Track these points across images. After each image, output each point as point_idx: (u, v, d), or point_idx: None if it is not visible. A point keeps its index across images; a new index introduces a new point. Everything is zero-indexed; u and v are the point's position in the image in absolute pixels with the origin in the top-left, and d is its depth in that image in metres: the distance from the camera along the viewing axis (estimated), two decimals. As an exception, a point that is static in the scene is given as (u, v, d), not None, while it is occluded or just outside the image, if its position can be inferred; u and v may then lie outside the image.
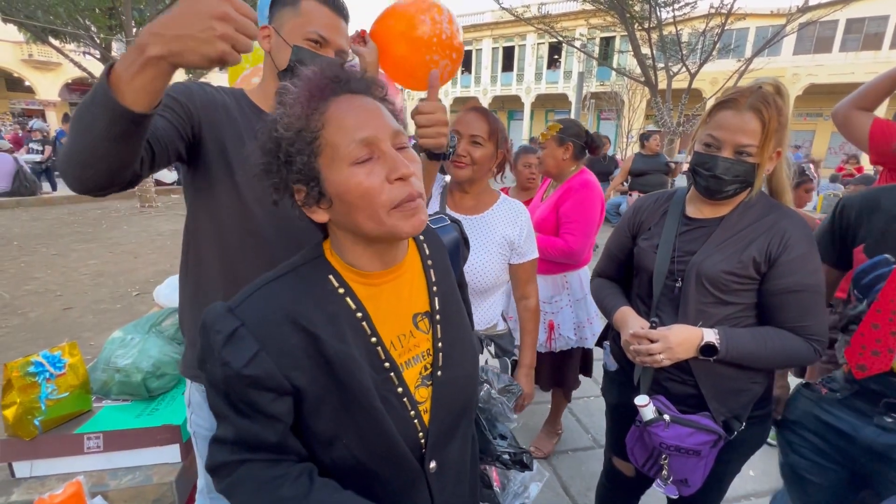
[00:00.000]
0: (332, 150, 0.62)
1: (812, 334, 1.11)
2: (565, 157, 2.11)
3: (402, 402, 0.70)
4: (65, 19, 8.57)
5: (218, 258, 1.04)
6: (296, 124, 0.62)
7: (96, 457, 1.51)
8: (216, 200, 1.01)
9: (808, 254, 1.10)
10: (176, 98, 0.92)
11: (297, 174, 0.64)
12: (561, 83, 26.78)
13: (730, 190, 1.12)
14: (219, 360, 0.62)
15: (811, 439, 1.21)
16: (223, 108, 1.01)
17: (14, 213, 8.20)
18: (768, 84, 1.09)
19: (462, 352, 0.79)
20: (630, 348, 1.18)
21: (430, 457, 0.73)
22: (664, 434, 1.17)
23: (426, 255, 0.80)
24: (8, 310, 3.93)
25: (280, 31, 1.03)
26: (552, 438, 2.43)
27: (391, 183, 0.63)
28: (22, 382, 1.47)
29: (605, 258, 1.45)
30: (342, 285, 0.69)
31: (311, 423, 0.67)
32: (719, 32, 9.44)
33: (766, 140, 1.07)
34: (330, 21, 1.04)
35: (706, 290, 1.14)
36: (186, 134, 0.93)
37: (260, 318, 0.63)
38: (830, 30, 20.35)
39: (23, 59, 22.62)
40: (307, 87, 0.64)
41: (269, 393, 0.63)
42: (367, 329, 0.68)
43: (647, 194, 1.42)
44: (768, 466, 2.31)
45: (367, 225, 0.63)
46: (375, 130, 0.63)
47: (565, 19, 17.20)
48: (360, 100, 0.65)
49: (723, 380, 1.16)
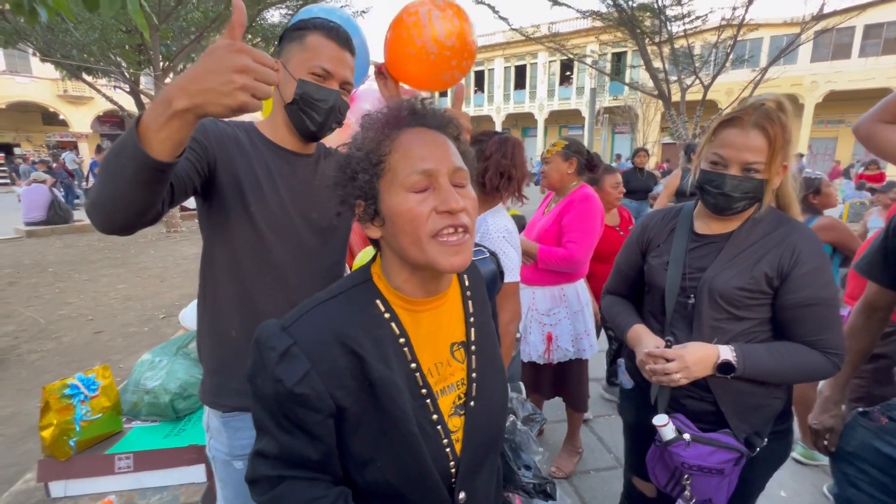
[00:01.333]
0: (393, 175, 0.66)
1: (829, 347, 1.10)
2: (570, 171, 2.21)
3: (437, 430, 0.71)
4: (97, 56, 9.08)
5: (234, 288, 1.07)
6: (367, 146, 0.67)
7: (126, 477, 1.56)
8: (231, 231, 1.04)
9: (821, 267, 1.10)
10: (193, 136, 0.95)
11: (359, 190, 0.68)
12: (574, 99, 26.92)
13: (738, 206, 1.13)
14: (271, 376, 0.63)
15: (871, 472, 1.13)
16: (235, 141, 1.05)
17: (49, 240, 8.58)
18: (770, 101, 1.10)
19: (493, 383, 0.80)
20: (646, 367, 1.18)
21: (460, 487, 0.73)
22: (685, 454, 1.16)
23: (465, 287, 0.81)
24: (43, 334, 4.09)
25: (287, 65, 1.07)
26: (573, 457, 2.40)
27: (439, 214, 0.65)
28: (59, 404, 1.54)
29: (615, 276, 1.45)
30: (388, 310, 0.71)
31: (349, 444, 0.68)
32: (731, 44, 9.41)
33: (774, 156, 1.08)
34: (334, 54, 1.07)
35: (720, 307, 1.14)
36: (202, 169, 0.97)
37: (311, 337, 0.65)
38: (848, 36, 20.06)
39: (58, 94, 23.98)
40: (386, 115, 0.69)
41: (316, 412, 0.65)
42: (408, 355, 0.70)
43: (654, 210, 1.43)
44: (800, 486, 2.22)
45: (411, 250, 0.66)
46: (437, 164, 0.65)
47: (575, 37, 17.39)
48: (432, 134, 0.69)
49: (742, 396, 1.15)
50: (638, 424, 1.38)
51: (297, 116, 1.07)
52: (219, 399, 1.09)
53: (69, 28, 8.57)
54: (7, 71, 22.56)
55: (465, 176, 0.69)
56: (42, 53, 9.19)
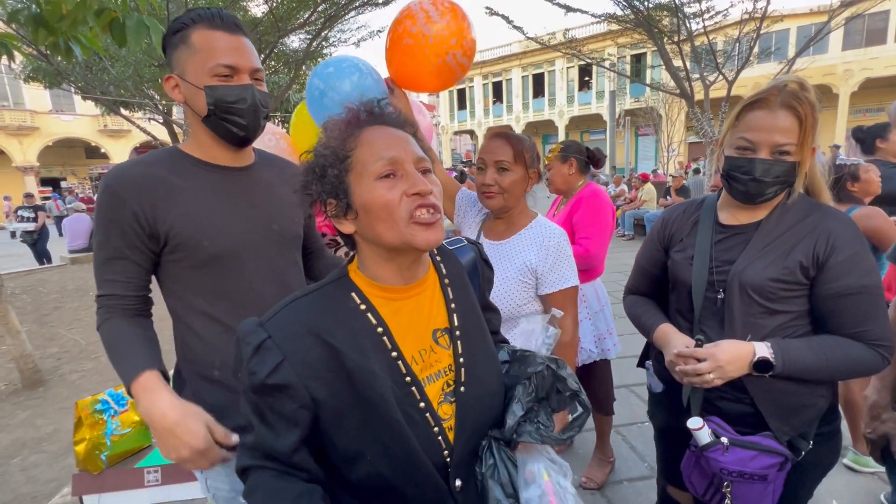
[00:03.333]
0: (361, 167, 0.69)
1: (875, 339, 1.02)
2: (571, 172, 2.25)
3: (425, 418, 0.71)
4: (132, 91, 9.60)
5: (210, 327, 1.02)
6: (333, 144, 0.71)
7: (156, 490, 1.58)
8: (194, 272, 1.00)
9: (860, 253, 1.03)
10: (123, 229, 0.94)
11: (329, 187, 0.71)
12: (594, 104, 26.66)
13: (770, 193, 1.07)
14: (247, 369, 0.67)
15: None
16: (160, 183, 0.97)
17: (90, 266, 9.00)
18: (792, 82, 1.04)
19: (485, 368, 0.80)
20: (676, 369, 1.11)
21: (456, 475, 0.73)
22: (724, 459, 1.08)
23: (443, 274, 0.83)
24: (83, 355, 4.28)
25: (184, 75, 0.96)
26: (604, 467, 2.30)
27: (409, 197, 0.68)
28: (91, 420, 1.58)
29: (636, 274, 1.39)
30: (364, 302, 0.73)
31: (334, 439, 0.69)
32: (755, 38, 9.13)
33: (805, 137, 1.03)
34: (229, 44, 0.95)
35: (752, 301, 1.07)
36: (149, 246, 0.97)
37: (285, 331, 0.68)
38: (882, 20, 19.15)
39: (99, 129, 25.62)
40: (347, 117, 0.73)
41: (290, 402, 0.67)
42: (388, 344, 0.71)
43: (675, 204, 1.37)
44: (854, 497, 2.05)
45: (387, 234, 0.69)
46: (400, 152, 0.70)
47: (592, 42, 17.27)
48: (392, 130, 0.73)
49: (782, 395, 1.07)
50: (670, 429, 1.30)
51: (220, 127, 0.98)
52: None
53: (106, 66, 9.14)
54: (54, 110, 24.25)
55: (429, 164, 0.73)
56: (83, 91, 9.80)
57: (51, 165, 25.85)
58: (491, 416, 0.79)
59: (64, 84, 9.71)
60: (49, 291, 6.96)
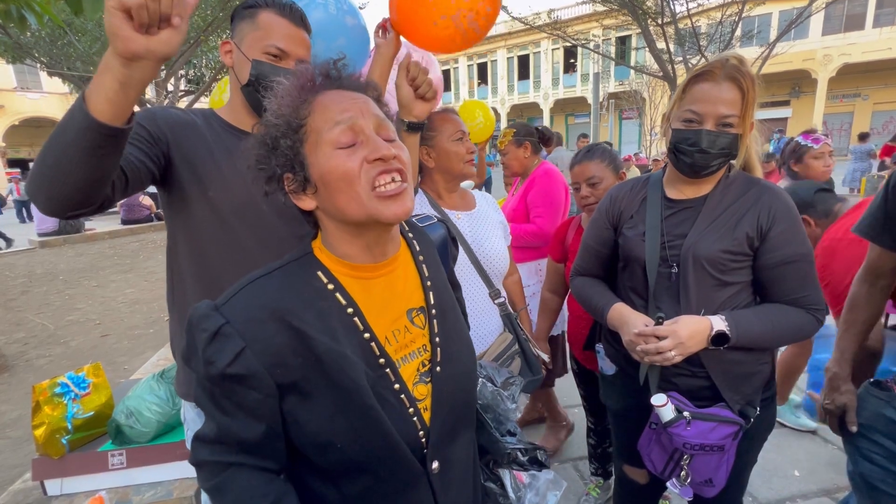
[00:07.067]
0: (317, 136, 0.63)
1: (812, 304, 1.09)
2: (526, 154, 2.32)
3: (400, 400, 0.68)
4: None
5: (201, 277, 1.04)
6: (284, 113, 0.65)
7: (120, 473, 1.56)
8: (192, 218, 1.02)
9: (796, 224, 1.09)
10: (141, 124, 0.95)
11: (283, 160, 0.65)
12: (579, 86, 26.58)
13: (715, 165, 1.09)
14: (203, 358, 0.61)
15: (884, 444, 1.09)
16: (190, 126, 1.03)
17: (61, 250, 8.74)
18: (733, 56, 1.06)
19: (460, 347, 0.77)
20: (637, 349, 1.11)
21: (433, 456, 0.70)
22: (687, 433, 1.10)
23: (416, 251, 0.78)
24: (52, 340, 4.16)
25: (240, 45, 1.04)
26: (559, 432, 2.35)
27: (370, 163, 0.62)
28: (49, 403, 1.53)
29: (583, 254, 1.37)
30: (331, 281, 0.67)
31: (303, 426, 0.64)
32: (737, 20, 9.17)
33: (747, 109, 1.06)
34: (288, 32, 1.04)
35: (706, 273, 1.09)
36: (156, 156, 0.96)
37: (245, 315, 0.62)
38: (861, 6, 19.41)
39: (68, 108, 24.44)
40: (299, 81, 0.66)
41: (254, 391, 0.61)
42: (360, 324, 0.67)
43: (622, 182, 1.37)
44: (814, 465, 2.14)
45: (350, 207, 0.63)
46: (358, 116, 0.64)
47: (578, 23, 17.11)
48: (350, 93, 0.67)
49: (733, 366, 1.11)
50: (625, 410, 1.32)
51: (254, 98, 1.04)
52: (193, 391, 1.07)
53: (72, 40, 8.70)
54: (19, 88, 23.07)
55: (392, 129, 0.68)
56: (48, 67, 9.34)
57: (18, 146, 24.77)
58: (466, 395, 0.77)
59: (28, 60, 9.25)
60: (17, 276, 6.74)
